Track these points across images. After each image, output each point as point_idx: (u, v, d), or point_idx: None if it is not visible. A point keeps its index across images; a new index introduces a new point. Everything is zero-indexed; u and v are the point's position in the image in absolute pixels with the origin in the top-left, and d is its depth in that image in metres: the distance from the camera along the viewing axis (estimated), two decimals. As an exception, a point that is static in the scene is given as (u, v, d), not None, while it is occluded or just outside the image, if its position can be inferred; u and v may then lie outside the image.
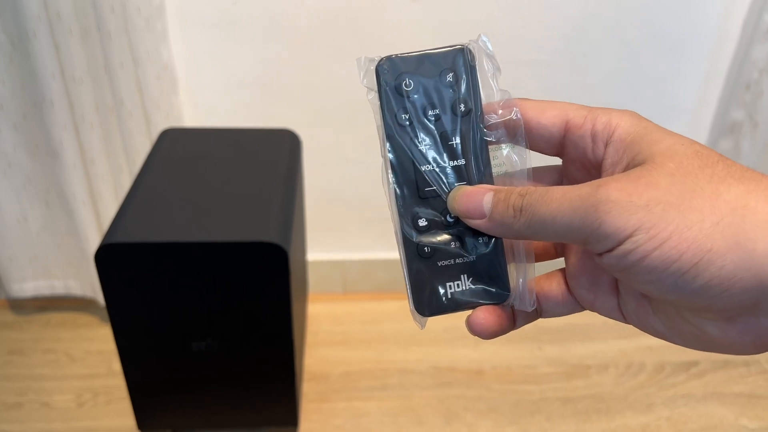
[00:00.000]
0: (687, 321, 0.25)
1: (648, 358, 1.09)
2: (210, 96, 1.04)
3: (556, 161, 0.31)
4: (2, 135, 0.99)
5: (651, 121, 0.27)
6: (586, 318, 1.16)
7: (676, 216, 0.22)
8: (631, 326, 0.29)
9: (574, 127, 0.28)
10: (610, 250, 0.23)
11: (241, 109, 1.05)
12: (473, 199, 0.28)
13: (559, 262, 0.31)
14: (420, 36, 0.99)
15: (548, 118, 0.28)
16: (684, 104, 1.11)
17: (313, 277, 1.20)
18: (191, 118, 1.05)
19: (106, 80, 0.94)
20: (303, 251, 1.03)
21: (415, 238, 0.29)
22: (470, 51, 0.29)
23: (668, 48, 1.05)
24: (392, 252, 1.21)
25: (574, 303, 0.29)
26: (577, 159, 0.28)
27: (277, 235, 0.72)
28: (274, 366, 0.82)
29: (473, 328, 0.28)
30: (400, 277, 1.24)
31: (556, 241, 0.29)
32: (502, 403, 1.01)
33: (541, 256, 0.31)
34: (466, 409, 1.00)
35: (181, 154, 0.87)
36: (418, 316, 0.29)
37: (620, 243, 0.23)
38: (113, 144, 1.00)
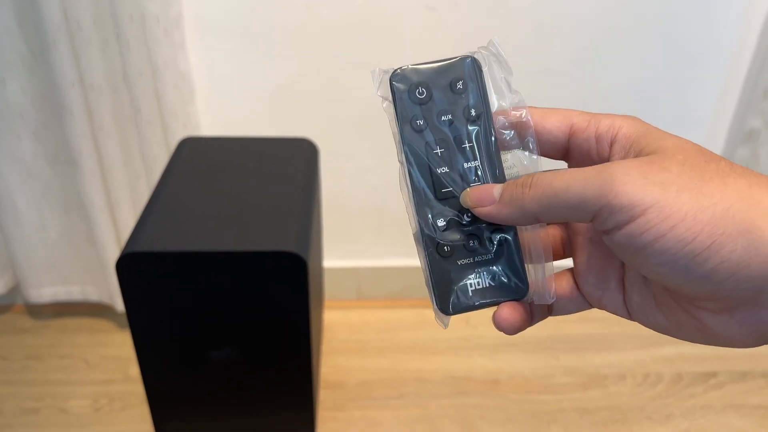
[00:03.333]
0: (689, 314, 0.26)
1: (665, 369, 1.08)
2: (226, 105, 1.04)
3: (563, 165, 0.32)
4: (22, 143, 1.00)
5: (651, 125, 0.28)
6: (602, 327, 1.15)
7: (689, 198, 0.23)
8: (647, 336, 0.29)
9: (579, 131, 0.29)
10: (621, 228, 0.24)
11: (256, 117, 1.05)
12: (484, 189, 0.29)
13: (567, 264, 0.32)
14: (435, 44, 0.99)
15: (552, 123, 0.29)
16: (701, 112, 1.10)
17: (326, 284, 1.21)
18: (208, 127, 1.05)
19: (124, 89, 0.95)
20: (320, 259, 1.03)
21: (435, 238, 0.30)
22: (476, 60, 0.30)
23: (685, 57, 1.04)
24: (405, 259, 1.21)
25: (582, 300, 0.30)
26: (582, 161, 0.29)
27: (296, 244, 0.72)
28: (291, 375, 0.82)
29: (499, 324, 0.29)
30: (413, 284, 1.24)
31: (564, 219, 0.29)
32: (519, 413, 1.01)
33: None
34: (483, 418, 1.00)
35: (199, 163, 0.87)
36: (441, 315, 0.30)
37: (633, 218, 0.23)
38: (131, 152, 1.01)
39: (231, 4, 0.96)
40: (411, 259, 1.21)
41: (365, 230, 1.19)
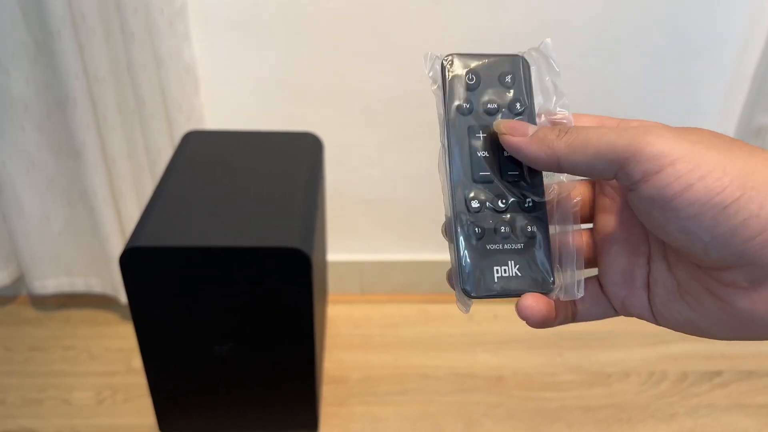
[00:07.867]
0: (715, 296, 0.26)
1: (670, 367, 1.08)
2: (231, 97, 1.03)
3: None
4: (26, 134, 0.99)
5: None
6: (607, 324, 1.15)
7: (717, 155, 0.23)
8: (652, 334, 0.29)
9: None
10: (648, 179, 0.24)
11: (261, 110, 1.05)
12: (520, 123, 0.30)
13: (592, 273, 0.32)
14: (442, 38, 0.98)
15: (584, 122, 0.30)
16: (709, 109, 1.09)
17: (330, 278, 1.20)
18: (212, 119, 1.05)
19: (128, 81, 0.94)
20: (324, 254, 1.03)
21: (467, 218, 0.30)
22: (526, 60, 0.31)
23: (693, 52, 1.03)
24: (409, 254, 1.21)
25: (607, 304, 0.31)
26: None
27: (300, 240, 0.72)
28: (294, 370, 0.82)
29: (523, 312, 0.29)
30: (417, 279, 1.23)
31: (588, 171, 0.27)
32: (522, 410, 1.00)
33: None
34: (486, 415, 1.00)
35: (204, 157, 0.87)
36: (464, 299, 0.30)
37: (662, 168, 0.23)
38: (135, 144, 1.00)
39: (236, -4, 0.95)
40: (415, 253, 1.21)
41: (369, 224, 1.18)
